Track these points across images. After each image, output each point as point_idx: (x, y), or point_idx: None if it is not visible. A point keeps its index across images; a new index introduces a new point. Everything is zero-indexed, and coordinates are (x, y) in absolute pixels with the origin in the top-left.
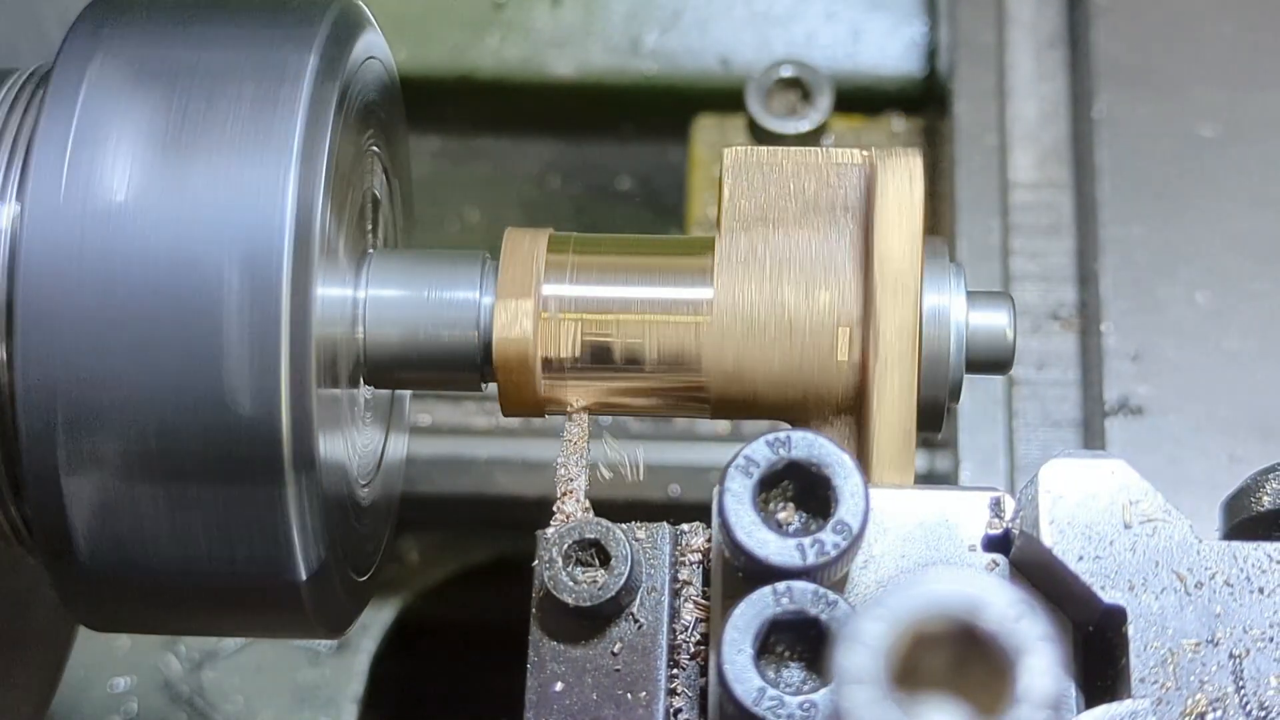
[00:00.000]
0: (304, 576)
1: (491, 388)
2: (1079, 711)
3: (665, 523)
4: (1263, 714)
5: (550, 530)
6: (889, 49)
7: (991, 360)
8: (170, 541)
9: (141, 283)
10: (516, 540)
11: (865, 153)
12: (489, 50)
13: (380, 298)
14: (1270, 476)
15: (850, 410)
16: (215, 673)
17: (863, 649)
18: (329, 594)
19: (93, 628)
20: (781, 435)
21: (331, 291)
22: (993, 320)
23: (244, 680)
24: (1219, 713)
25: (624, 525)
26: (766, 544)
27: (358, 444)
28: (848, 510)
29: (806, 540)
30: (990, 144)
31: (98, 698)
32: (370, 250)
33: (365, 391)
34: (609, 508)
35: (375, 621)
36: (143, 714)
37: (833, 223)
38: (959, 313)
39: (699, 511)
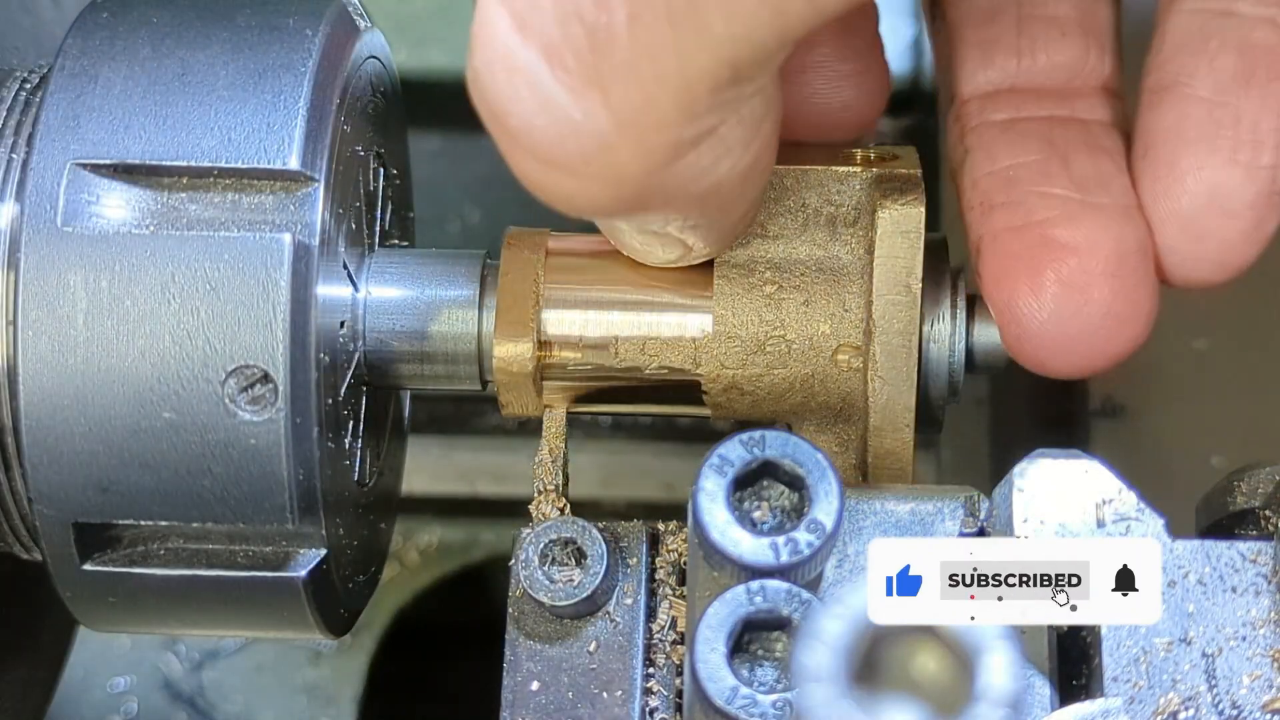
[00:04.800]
0: (304, 576)
1: (492, 387)
2: (1053, 709)
3: (641, 522)
4: (1235, 712)
5: (527, 530)
6: (888, 49)
7: (991, 360)
8: (170, 541)
9: (141, 280)
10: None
11: (864, 159)
12: None
13: (380, 298)
14: (1244, 476)
15: (850, 414)
16: (215, 673)
17: (822, 647)
18: (329, 594)
19: (93, 627)
20: (756, 434)
21: (331, 291)
22: (992, 320)
23: (244, 680)
24: (1191, 711)
25: (600, 524)
26: (740, 543)
27: (358, 444)
28: (822, 509)
29: (780, 539)
30: None
31: (98, 698)
32: (370, 250)
33: (365, 391)
34: (608, 508)
35: (375, 621)
36: (143, 714)
37: (833, 236)
38: (959, 312)
39: None
